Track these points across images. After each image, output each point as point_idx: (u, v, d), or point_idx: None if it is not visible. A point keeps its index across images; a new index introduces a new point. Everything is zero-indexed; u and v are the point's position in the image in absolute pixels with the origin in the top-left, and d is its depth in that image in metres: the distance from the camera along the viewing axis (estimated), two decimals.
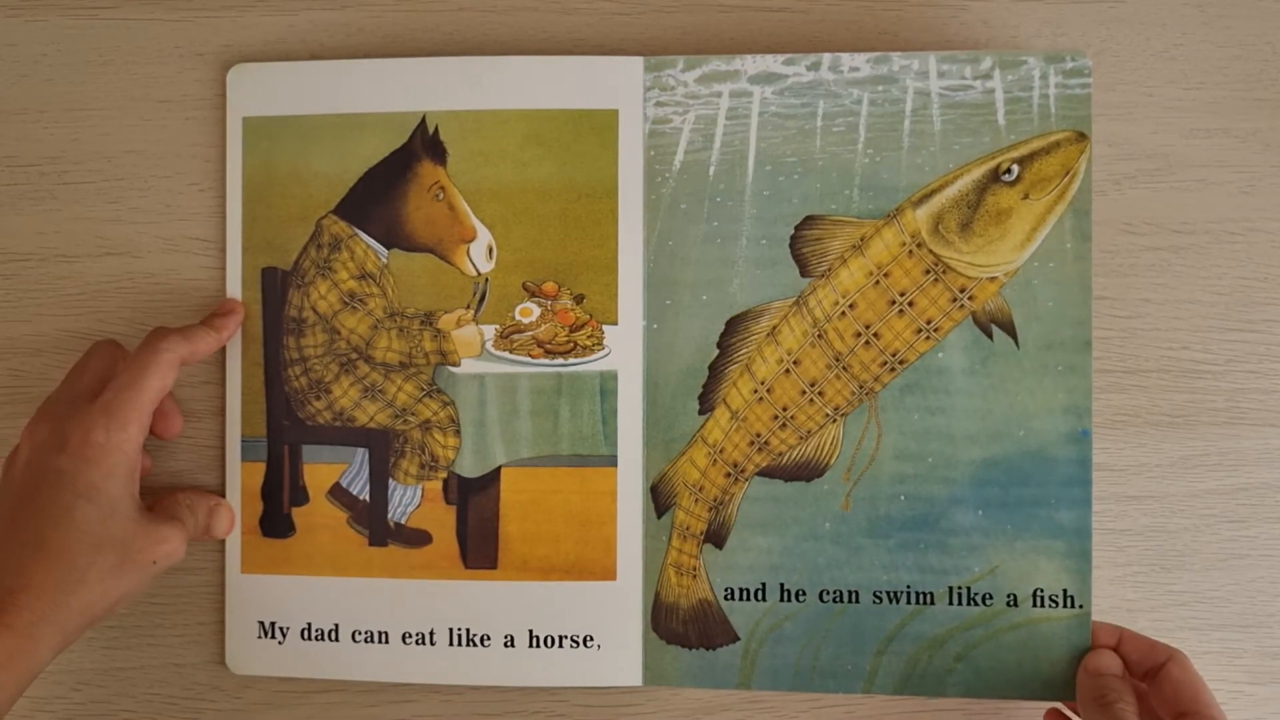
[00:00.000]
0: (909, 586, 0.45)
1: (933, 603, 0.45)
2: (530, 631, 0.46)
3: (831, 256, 0.45)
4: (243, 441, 0.47)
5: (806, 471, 0.46)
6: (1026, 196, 0.44)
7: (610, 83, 0.46)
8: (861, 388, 0.45)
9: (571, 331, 0.46)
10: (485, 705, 0.48)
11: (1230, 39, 0.48)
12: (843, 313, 0.45)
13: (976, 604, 0.45)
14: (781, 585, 0.46)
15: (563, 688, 0.47)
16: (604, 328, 0.46)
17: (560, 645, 0.46)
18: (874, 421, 0.45)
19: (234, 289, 0.47)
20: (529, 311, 0.47)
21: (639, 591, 0.46)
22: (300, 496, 0.47)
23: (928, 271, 0.45)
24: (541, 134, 0.46)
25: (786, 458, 0.46)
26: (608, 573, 0.46)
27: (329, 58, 0.48)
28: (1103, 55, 0.48)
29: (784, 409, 0.46)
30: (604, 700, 0.48)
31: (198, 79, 0.48)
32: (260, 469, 0.47)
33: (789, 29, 0.48)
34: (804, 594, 0.46)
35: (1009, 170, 0.44)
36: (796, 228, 0.45)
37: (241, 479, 0.47)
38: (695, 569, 0.46)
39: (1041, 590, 0.45)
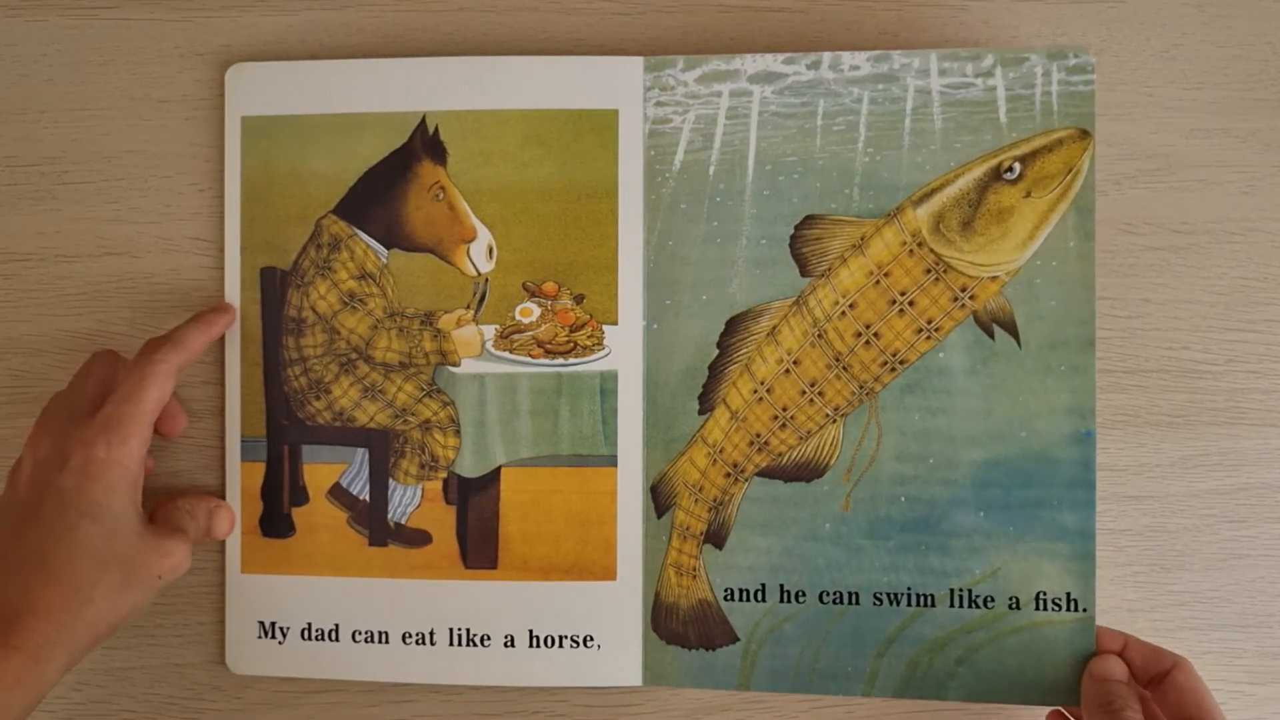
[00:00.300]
0: (909, 588, 0.45)
1: (933, 605, 0.45)
2: (530, 631, 0.46)
3: (831, 256, 0.45)
4: (242, 441, 0.47)
5: (806, 472, 0.46)
6: (1029, 195, 0.44)
7: (610, 83, 0.46)
8: (862, 388, 0.45)
9: (571, 331, 0.46)
10: (485, 705, 0.48)
11: (1230, 39, 0.48)
12: (843, 312, 0.45)
13: (978, 606, 0.44)
14: (781, 586, 0.46)
15: (563, 688, 0.47)
16: (604, 328, 0.46)
17: (560, 645, 0.46)
18: (874, 422, 0.45)
19: (233, 289, 0.47)
20: (529, 311, 0.47)
21: (639, 591, 0.46)
22: (300, 496, 0.47)
23: (928, 271, 0.44)
24: (541, 134, 0.46)
25: (786, 458, 0.46)
26: (608, 573, 0.46)
27: (328, 58, 0.48)
28: (1103, 55, 0.48)
29: (784, 409, 0.45)
30: (604, 700, 0.48)
31: (197, 79, 0.48)
32: (260, 469, 0.47)
33: (789, 29, 0.48)
34: (804, 595, 0.45)
35: (1011, 168, 0.44)
36: (796, 227, 0.45)
37: (241, 479, 0.47)
38: (695, 569, 0.46)
39: (1044, 593, 0.44)
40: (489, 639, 0.46)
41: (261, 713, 0.48)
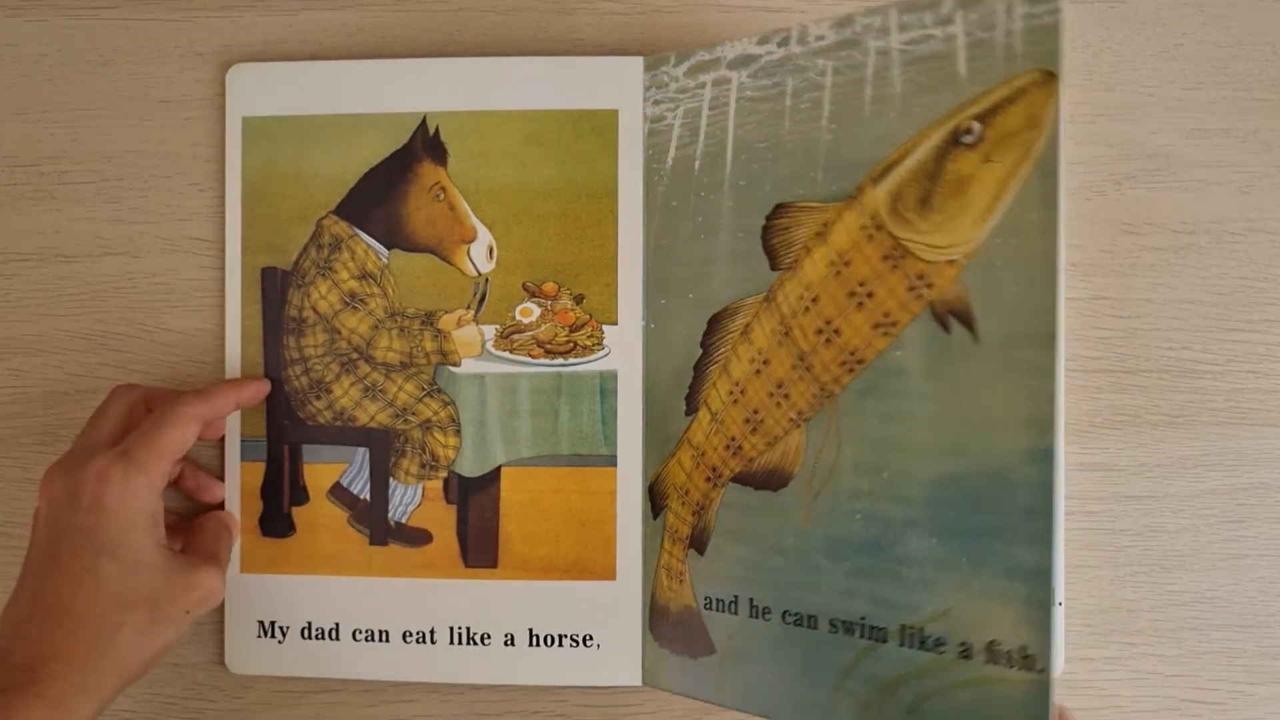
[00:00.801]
0: (863, 618, 0.39)
1: (885, 641, 0.39)
2: (530, 630, 0.46)
3: (797, 247, 0.41)
4: (242, 441, 0.47)
5: (773, 480, 0.42)
6: (989, 159, 0.36)
7: (610, 83, 0.46)
8: (822, 390, 0.41)
9: (571, 331, 0.46)
10: (485, 704, 0.48)
11: (1230, 39, 0.48)
12: (806, 307, 0.41)
13: (928, 649, 0.38)
14: (751, 600, 0.43)
15: (563, 687, 0.47)
16: (604, 328, 0.46)
17: (560, 644, 0.46)
18: (834, 428, 0.40)
19: (233, 289, 0.47)
20: (529, 311, 0.47)
21: (638, 591, 0.46)
22: (300, 496, 0.47)
23: (886, 257, 0.38)
24: (541, 134, 0.46)
25: (756, 463, 0.43)
26: (607, 572, 0.46)
27: (329, 58, 0.48)
28: (1102, 55, 0.48)
29: (754, 412, 0.42)
30: (604, 700, 0.48)
31: (198, 79, 0.48)
32: (260, 469, 0.47)
33: None
34: (769, 612, 0.42)
35: (969, 130, 0.37)
36: (768, 218, 0.42)
37: (241, 479, 0.47)
38: (682, 573, 0.45)
39: (998, 643, 0.36)
40: (489, 638, 0.46)
41: (261, 713, 0.48)
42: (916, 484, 0.38)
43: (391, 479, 0.47)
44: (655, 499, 0.46)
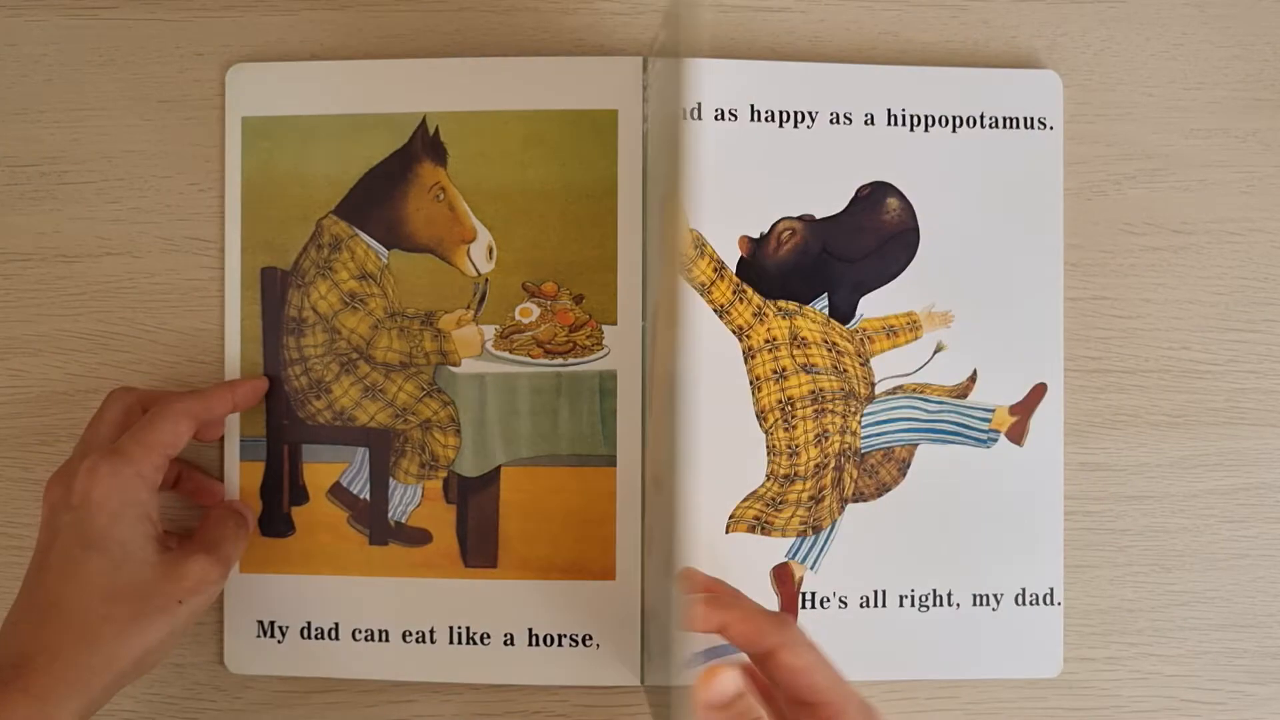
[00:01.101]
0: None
1: None
2: (530, 630, 0.46)
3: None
4: (242, 441, 0.47)
5: (661, 486, 0.40)
6: None
7: (609, 83, 0.46)
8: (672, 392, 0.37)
9: (571, 331, 0.46)
10: (485, 704, 0.48)
11: (1230, 39, 0.48)
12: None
13: None
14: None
15: (562, 687, 0.47)
16: (603, 328, 0.46)
17: (560, 644, 0.46)
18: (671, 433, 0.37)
19: (233, 289, 0.47)
20: (529, 311, 0.47)
21: (637, 591, 0.46)
22: (300, 496, 0.47)
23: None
24: (541, 134, 0.46)
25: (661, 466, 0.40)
26: (606, 572, 0.46)
27: (329, 58, 0.48)
28: (1103, 55, 0.48)
29: (660, 413, 0.40)
30: (604, 700, 0.48)
31: (198, 79, 0.48)
32: (260, 469, 0.47)
33: (789, 29, 0.48)
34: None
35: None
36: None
37: (241, 479, 0.47)
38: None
39: None
40: (489, 638, 0.46)
41: (261, 712, 0.48)
42: None
43: (391, 479, 0.47)
44: (646, 500, 0.45)
